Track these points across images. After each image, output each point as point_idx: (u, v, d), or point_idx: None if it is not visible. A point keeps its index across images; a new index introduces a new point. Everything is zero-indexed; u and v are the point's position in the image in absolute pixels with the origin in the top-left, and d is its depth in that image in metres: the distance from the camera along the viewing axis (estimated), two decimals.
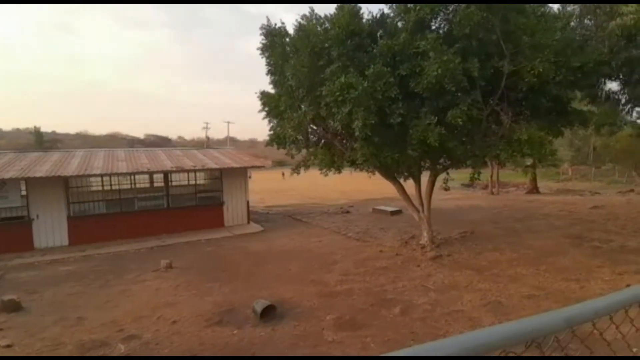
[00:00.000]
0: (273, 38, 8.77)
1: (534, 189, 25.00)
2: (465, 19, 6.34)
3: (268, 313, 6.04)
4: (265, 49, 9.05)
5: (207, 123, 60.25)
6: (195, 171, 13.28)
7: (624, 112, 10.53)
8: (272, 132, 10.26)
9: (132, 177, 13.38)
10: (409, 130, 7.02)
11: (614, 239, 9.71)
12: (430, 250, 9.24)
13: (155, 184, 14.88)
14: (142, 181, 15.13)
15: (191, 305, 6.94)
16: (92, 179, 13.31)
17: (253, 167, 14.39)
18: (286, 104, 8.97)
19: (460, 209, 17.09)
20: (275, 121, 10.11)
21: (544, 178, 42.06)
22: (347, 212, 16.60)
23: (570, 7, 8.85)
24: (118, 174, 12.51)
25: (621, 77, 8.76)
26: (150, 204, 13.63)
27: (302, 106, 8.51)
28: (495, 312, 5.77)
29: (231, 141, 64.32)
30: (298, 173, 10.39)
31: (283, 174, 41.19)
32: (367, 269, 8.32)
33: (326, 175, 10.14)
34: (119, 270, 9.35)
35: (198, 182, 14.45)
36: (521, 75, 7.00)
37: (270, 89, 9.98)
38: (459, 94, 6.80)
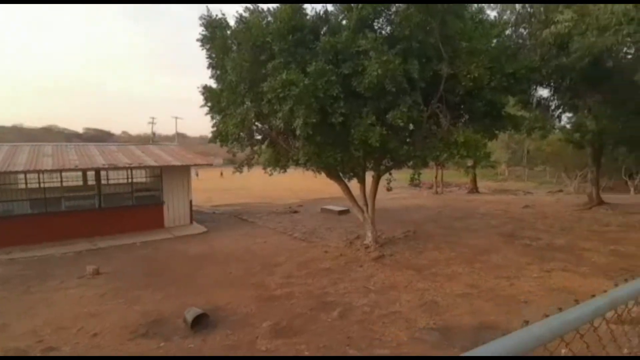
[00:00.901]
0: (214, 29, 8.31)
1: (474, 189, 26.37)
2: (405, 20, 6.37)
3: (200, 322, 5.65)
4: (205, 41, 8.56)
5: (153, 118, 57.36)
6: (130, 169, 12.36)
7: (553, 118, 11.28)
8: (214, 128, 9.79)
9: (60, 174, 12.21)
10: (351, 130, 6.93)
11: (543, 237, 10.36)
12: (374, 250, 9.28)
13: (89, 182, 13.71)
14: (73, 179, 13.88)
15: (116, 316, 6.37)
16: (20, 176, 11.98)
17: (196, 165, 13.69)
18: (228, 99, 8.56)
19: (405, 208, 17.51)
20: (218, 117, 9.65)
21: (484, 178, 44.62)
22: (296, 211, 16.39)
23: (506, 15, 9.27)
24: (42, 171, 11.33)
25: (552, 84, 9.33)
26: (80, 204, 12.52)
27: (245, 102, 8.15)
28: (431, 312, 5.83)
29: (181, 137, 61.65)
30: (241, 172, 9.98)
31: (222, 174, 39.92)
32: (310, 271, 8.15)
33: (271, 174, 9.86)
34: (43, 275, 8.48)
35: (137, 180, 13.50)
36: (459, 79, 7.17)
37: (212, 83, 9.51)
38: (400, 95, 6.81)
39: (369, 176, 9.98)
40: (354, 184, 10.20)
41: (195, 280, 7.96)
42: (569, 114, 10.74)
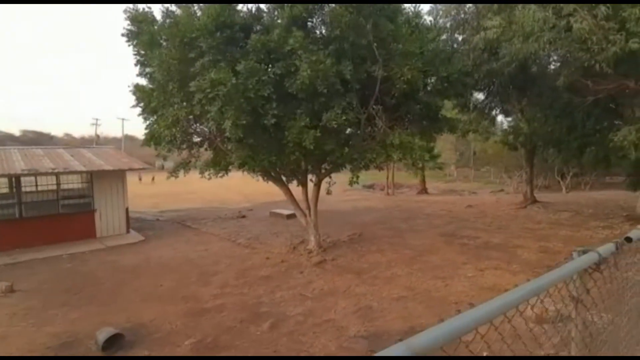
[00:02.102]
0: (140, 24, 7.74)
1: (424, 190, 27.18)
2: (335, 19, 6.24)
3: (114, 343, 5.14)
4: (131, 36, 7.96)
5: (96, 119, 53.82)
6: (55, 174, 11.31)
7: (487, 121, 11.75)
8: (147, 130, 9.16)
9: None
10: (285, 132, 6.69)
11: (481, 235, 10.72)
12: (316, 255, 9.09)
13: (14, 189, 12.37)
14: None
15: (24, 339, 5.69)
16: None
17: (131, 169, 12.81)
18: (159, 99, 8.02)
19: (356, 210, 17.58)
20: (152, 118, 9.04)
21: (434, 179, 46.27)
22: (244, 216, 15.88)
23: (441, 21, 9.49)
24: None
25: (484, 88, 9.68)
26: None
27: (175, 102, 7.67)
28: (364, 318, 5.71)
29: (129, 140, 58.42)
30: (176, 177, 9.42)
31: (153, 178, 36.44)
32: (247, 280, 7.80)
33: (209, 178, 9.37)
34: None
35: (69, 186, 12.38)
36: (393, 82, 7.17)
37: (142, 81, 8.89)
38: (334, 97, 6.67)
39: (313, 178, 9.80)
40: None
41: (121, 296, 7.33)
42: (504, 118, 11.27)
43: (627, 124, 7.35)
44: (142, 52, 8.19)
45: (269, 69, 6.58)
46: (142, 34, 7.72)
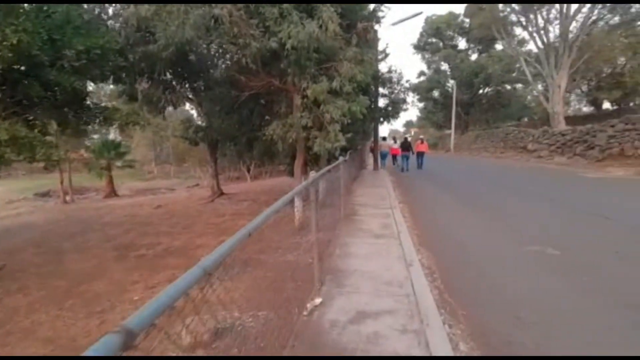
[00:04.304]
0: None
1: (112, 192, 23.63)
2: None
3: None
4: None
5: None
6: None
7: (157, 113, 10.73)
8: None
9: None
10: None
11: (163, 241, 9.62)
12: None
13: None
14: None
15: None
16: None
17: None
18: None
19: (6, 231, 12.67)
20: None
21: (133, 178, 42.22)
22: None
23: None
24: None
25: (146, 73, 8.46)
26: None
27: None
28: None
29: None
30: None
31: None
32: None
33: None
34: None
35: None
36: None
37: None
38: None
39: None
40: None
41: None
42: (174, 109, 10.52)
43: (276, 119, 8.08)
44: None
45: None
46: None
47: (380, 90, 13.16)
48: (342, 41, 7.45)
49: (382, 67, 13.02)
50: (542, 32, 22.46)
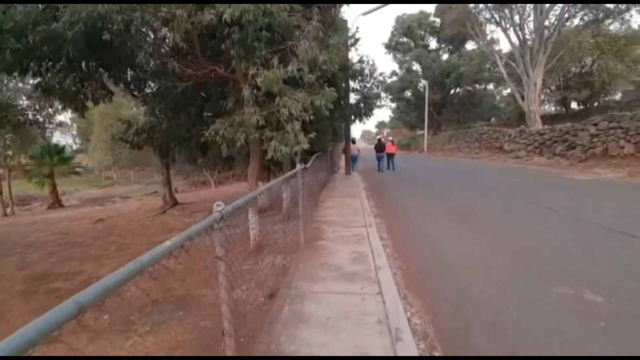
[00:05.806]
0: None
1: (56, 202, 21.09)
2: None
3: None
4: None
5: None
6: None
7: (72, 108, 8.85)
8: None
9: None
10: None
11: (86, 268, 7.75)
12: None
13: None
14: None
15: None
16: None
17: None
18: None
19: None
20: None
21: (89, 185, 39.21)
22: None
23: None
24: None
25: (52, 58, 6.62)
26: None
27: None
28: None
29: None
30: None
31: None
32: None
33: None
34: None
35: None
36: None
37: None
38: None
39: None
40: None
41: None
42: (94, 105, 8.63)
43: (220, 116, 6.46)
44: None
45: None
46: None
47: (351, 84, 11.72)
48: (301, 18, 5.94)
49: (353, 56, 11.55)
50: (517, 27, 21.86)
